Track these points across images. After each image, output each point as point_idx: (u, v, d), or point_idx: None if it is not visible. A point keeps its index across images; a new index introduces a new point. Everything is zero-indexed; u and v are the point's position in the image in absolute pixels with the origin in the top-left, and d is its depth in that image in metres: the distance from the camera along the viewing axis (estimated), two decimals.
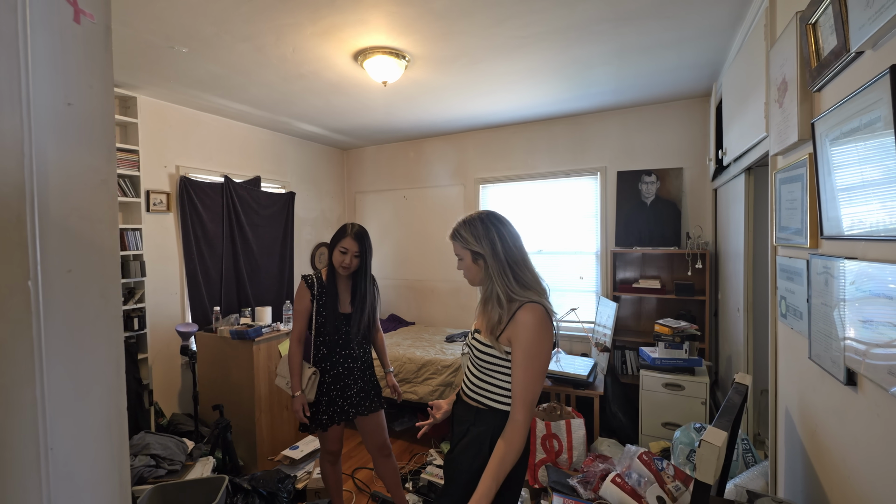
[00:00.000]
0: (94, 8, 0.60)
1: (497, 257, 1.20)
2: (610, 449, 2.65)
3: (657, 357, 2.73)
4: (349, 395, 1.98)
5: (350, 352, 1.99)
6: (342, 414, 1.97)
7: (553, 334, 1.18)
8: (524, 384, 1.12)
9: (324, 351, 1.97)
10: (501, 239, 1.22)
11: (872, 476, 0.92)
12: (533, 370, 1.13)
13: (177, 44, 2.26)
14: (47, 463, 0.51)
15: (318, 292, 1.96)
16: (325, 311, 1.95)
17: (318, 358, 1.98)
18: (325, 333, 1.96)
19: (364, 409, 2.00)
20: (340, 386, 1.97)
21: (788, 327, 1.43)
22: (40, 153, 0.52)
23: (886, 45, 0.85)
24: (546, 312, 1.17)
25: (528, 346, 1.13)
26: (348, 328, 1.97)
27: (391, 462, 2.12)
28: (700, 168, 3.35)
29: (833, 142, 1.06)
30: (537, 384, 1.14)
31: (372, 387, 2.05)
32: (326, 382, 1.96)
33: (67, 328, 0.55)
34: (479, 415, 1.22)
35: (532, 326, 1.13)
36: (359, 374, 2.00)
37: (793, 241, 1.36)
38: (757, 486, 1.64)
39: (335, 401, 1.96)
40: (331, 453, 2.07)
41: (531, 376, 1.13)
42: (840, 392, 1.05)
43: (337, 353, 1.97)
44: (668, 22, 2.13)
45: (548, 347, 1.16)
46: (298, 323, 1.97)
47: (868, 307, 0.90)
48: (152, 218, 3.09)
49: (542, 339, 1.14)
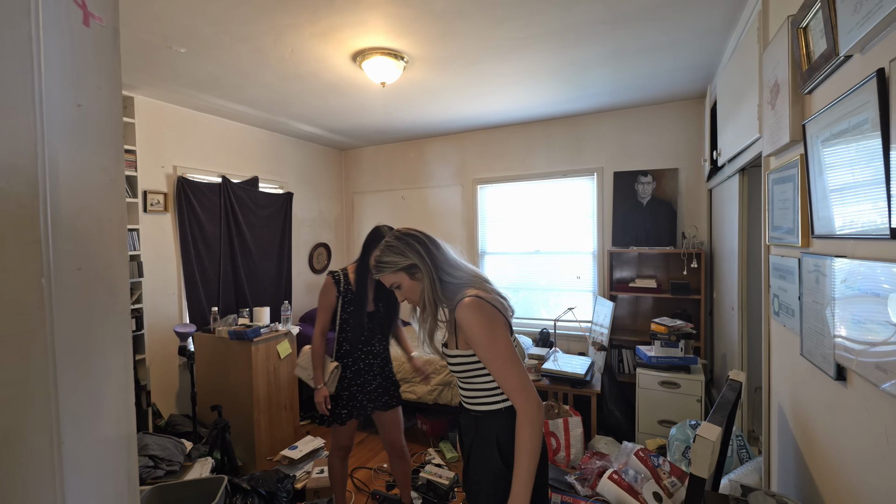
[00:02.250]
0: (103, 11, 0.62)
1: (426, 263, 1.21)
2: (607, 446, 2.67)
3: (653, 355, 2.76)
4: (368, 391, 2.03)
5: (371, 348, 2.04)
6: (361, 409, 2.02)
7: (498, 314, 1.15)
8: (502, 375, 1.11)
9: (346, 347, 2.02)
10: (422, 245, 1.23)
11: (861, 468, 0.94)
12: (500, 359, 1.11)
13: (175, 44, 2.26)
14: (60, 457, 0.52)
15: (345, 289, 2.01)
16: (351, 308, 2.00)
17: (340, 353, 2.03)
18: (348, 330, 2.01)
19: (382, 404, 2.05)
20: (360, 381, 2.02)
21: (781, 325, 1.45)
22: (52, 153, 0.53)
23: (874, 50, 0.87)
24: (480, 300, 1.14)
25: (481, 340, 1.12)
26: (372, 326, 2.02)
27: (403, 463, 2.16)
28: (695, 169, 3.38)
29: (823, 143, 1.08)
30: (514, 366, 1.11)
31: (391, 384, 2.09)
32: (347, 377, 2.01)
33: (77, 324, 0.56)
34: (479, 421, 1.22)
35: (473, 321, 1.12)
36: (378, 371, 2.05)
37: (785, 241, 1.38)
38: (751, 480, 1.67)
39: (355, 396, 2.01)
40: (342, 448, 2.11)
41: (502, 365, 1.11)
42: (830, 387, 1.08)
43: (359, 350, 2.02)
44: (663, 24, 2.15)
45: (500, 330, 1.13)
46: (322, 318, 2.02)
47: (857, 304, 0.93)
48: (149, 218, 3.09)
49: (489, 328, 1.12)
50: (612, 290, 3.51)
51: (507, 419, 1.17)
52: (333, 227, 4.91)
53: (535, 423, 1.09)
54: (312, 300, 4.54)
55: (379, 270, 1.27)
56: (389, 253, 1.25)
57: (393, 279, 1.26)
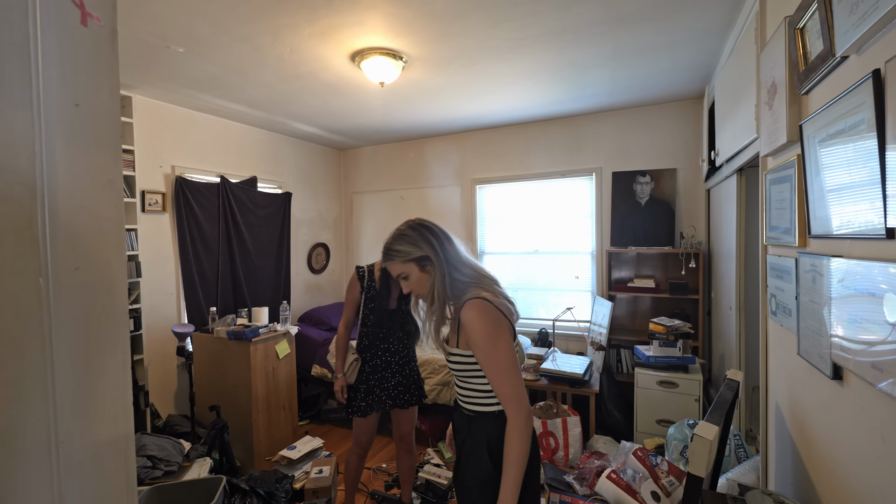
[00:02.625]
0: (101, 11, 0.62)
1: (438, 256, 1.19)
2: (605, 446, 2.68)
3: (652, 355, 2.77)
4: (386, 388, 2.06)
5: (388, 346, 2.06)
6: (379, 403, 2.05)
7: (503, 319, 1.13)
8: (498, 381, 1.10)
9: (365, 342, 2.07)
10: (437, 238, 1.21)
11: (858, 467, 0.95)
12: (498, 366, 1.09)
13: (173, 43, 2.26)
14: (57, 456, 0.52)
15: (368, 285, 2.05)
16: (373, 305, 2.03)
17: (360, 347, 2.08)
18: (368, 325, 2.05)
19: (402, 402, 2.08)
20: (378, 377, 2.05)
21: (778, 324, 1.46)
22: (50, 153, 0.53)
23: (870, 50, 0.88)
24: (487, 303, 1.12)
25: (483, 344, 1.10)
26: (392, 324, 2.04)
27: (409, 458, 2.22)
28: (693, 169, 3.39)
29: (820, 143, 1.09)
30: (511, 375, 1.10)
31: (412, 382, 2.11)
32: (366, 371, 2.05)
33: (76, 324, 0.56)
34: (472, 422, 1.21)
35: (477, 323, 1.10)
36: (396, 369, 2.07)
37: (782, 241, 1.39)
38: (749, 480, 1.67)
39: (373, 390, 2.04)
40: (360, 445, 2.14)
41: (501, 371, 1.09)
42: (827, 386, 1.08)
43: (377, 346, 2.05)
44: (661, 25, 2.16)
45: (503, 336, 1.11)
46: (347, 311, 2.11)
47: (853, 304, 0.93)
48: (148, 218, 3.09)
49: (492, 333, 1.10)
50: (610, 290, 3.51)
51: (499, 422, 1.16)
52: (332, 227, 4.91)
53: (524, 434, 1.09)
54: (311, 300, 4.54)
55: (388, 258, 1.24)
56: (402, 242, 1.22)
57: (401, 269, 1.23)
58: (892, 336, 0.79)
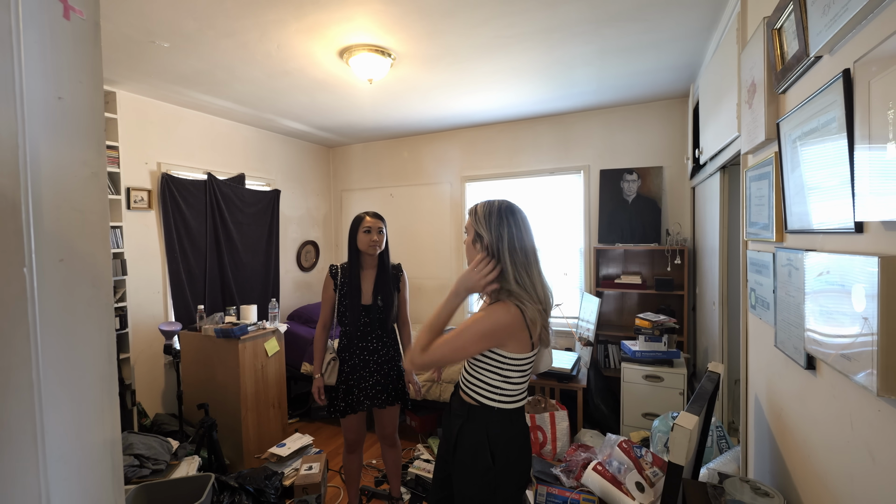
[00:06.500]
0: (83, 4, 0.62)
1: (492, 251, 1.20)
2: (592, 439, 2.72)
3: (637, 350, 2.81)
4: (365, 387, 2.02)
5: (366, 344, 2.02)
6: (358, 404, 2.01)
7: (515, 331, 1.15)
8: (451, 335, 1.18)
9: (344, 341, 2.04)
10: (510, 236, 1.20)
11: (828, 453, 0.99)
12: (459, 332, 1.16)
13: (158, 38, 2.23)
14: (43, 445, 0.53)
15: (342, 282, 2.02)
16: (347, 301, 2.00)
17: (340, 346, 2.06)
18: (345, 323, 2.02)
19: (379, 401, 2.05)
20: (357, 377, 2.02)
21: (757, 318, 1.50)
22: (33, 146, 0.54)
23: (841, 51, 0.91)
24: (519, 314, 1.14)
25: (471, 324, 1.16)
26: (369, 320, 2.01)
27: (393, 452, 2.22)
28: (679, 167, 3.45)
29: (795, 141, 1.12)
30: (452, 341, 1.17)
31: (390, 381, 2.07)
32: (345, 371, 2.02)
33: (60, 315, 0.56)
34: (471, 411, 1.24)
35: (493, 314, 1.15)
36: (375, 368, 2.03)
37: (761, 236, 1.43)
38: (729, 469, 1.72)
39: (351, 390, 2.02)
40: (348, 444, 2.13)
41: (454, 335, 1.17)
42: (801, 376, 1.12)
43: (355, 345, 2.02)
44: (646, 24, 2.19)
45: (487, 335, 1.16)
46: (323, 310, 2.09)
47: (825, 296, 0.96)
48: (133, 215, 3.05)
49: (492, 325, 1.15)
50: (598, 287, 3.56)
51: (498, 418, 1.20)
52: (321, 224, 4.89)
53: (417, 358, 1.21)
54: (300, 298, 4.52)
55: (472, 211, 1.27)
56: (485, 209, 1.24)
57: (468, 226, 1.27)
58: (860, 326, 0.82)
